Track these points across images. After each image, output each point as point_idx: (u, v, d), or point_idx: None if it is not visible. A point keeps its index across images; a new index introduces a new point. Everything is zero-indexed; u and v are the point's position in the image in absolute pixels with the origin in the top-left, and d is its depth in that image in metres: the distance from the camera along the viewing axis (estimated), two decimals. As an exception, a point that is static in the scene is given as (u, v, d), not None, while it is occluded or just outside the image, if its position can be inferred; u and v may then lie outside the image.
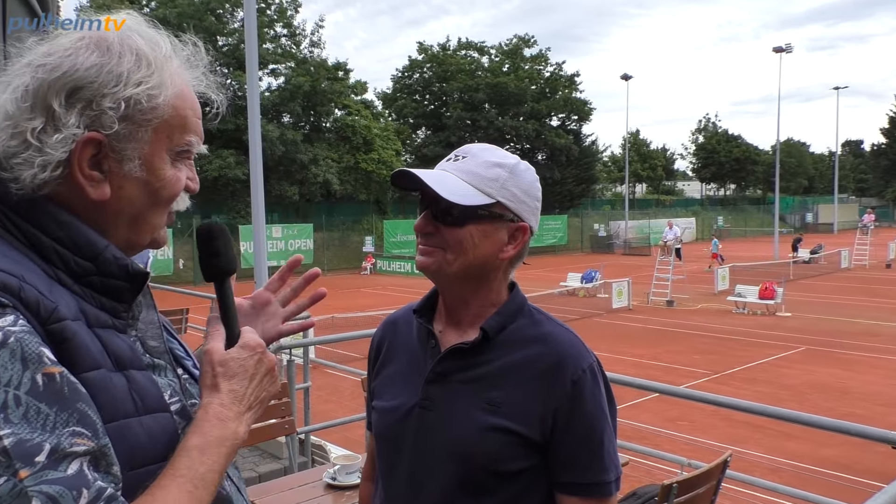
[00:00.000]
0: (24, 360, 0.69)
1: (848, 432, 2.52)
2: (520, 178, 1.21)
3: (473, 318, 1.24)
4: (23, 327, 0.70)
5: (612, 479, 1.17)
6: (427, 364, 1.23)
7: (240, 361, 0.91)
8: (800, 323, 15.84)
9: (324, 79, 32.51)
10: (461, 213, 1.16)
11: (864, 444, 7.46)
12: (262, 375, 0.92)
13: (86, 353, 0.77)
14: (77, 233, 0.83)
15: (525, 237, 1.22)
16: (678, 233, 27.44)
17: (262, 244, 8.33)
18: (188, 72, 0.92)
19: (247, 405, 0.89)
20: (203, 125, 0.94)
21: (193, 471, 0.79)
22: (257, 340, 0.94)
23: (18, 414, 0.66)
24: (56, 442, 0.68)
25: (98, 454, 0.71)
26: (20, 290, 0.73)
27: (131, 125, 0.84)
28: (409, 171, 1.17)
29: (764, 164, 60.49)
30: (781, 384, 10.62)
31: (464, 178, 1.17)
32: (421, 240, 1.22)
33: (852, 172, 70.51)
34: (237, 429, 0.87)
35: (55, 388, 0.70)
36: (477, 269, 1.20)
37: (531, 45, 44.99)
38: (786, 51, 34.81)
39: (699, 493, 2.35)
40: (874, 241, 30.75)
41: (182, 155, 0.90)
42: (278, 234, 28.08)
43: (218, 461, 0.83)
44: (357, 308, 18.11)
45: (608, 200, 53.33)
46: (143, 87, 0.84)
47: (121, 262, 0.85)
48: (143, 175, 0.86)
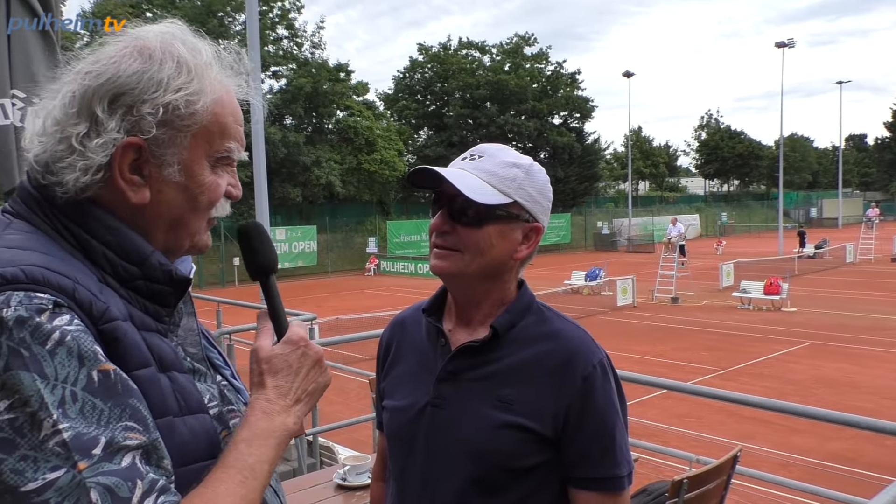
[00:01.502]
0: (80, 357, 0.72)
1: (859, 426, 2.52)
2: (535, 178, 1.22)
3: (484, 316, 1.24)
4: (77, 326, 0.74)
5: (624, 473, 1.18)
6: (437, 363, 1.24)
7: (283, 357, 0.93)
8: (805, 318, 15.81)
9: (325, 80, 32.57)
10: (480, 213, 1.16)
11: (870, 437, 7.45)
12: (309, 368, 0.94)
13: (136, 352, 0.80)
14: (125, 238, 0.85)
15: (538, 238, 1.23)
16: (682, 229, 27.41)
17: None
18: (230, 79, 0.93)
19: (294, 398, 0.91)
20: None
21: (242, 462, 0.82)
22: (300, 335, 0.95)
23: (76, 409, 0.70)
24: (111, 436, 0.71)
25: (149, 448, 0.74)
26: (74, 291, 0.76)
27: (171, 130, 0.86)
28: (430, 169, 1.17)
29: (767, 159, 60.35)
30: (788, 379, 10.60)
31: (482, 178, 1.17)
32: (437, 240, 1.21)
33: (856, 167, 70.26)
34: (285, 421, 0.89)
35: (109, 385, 0.73)
36: (492, 269, 1.21)
37: (532, 44, 44.99)
38: (788, 46, 34.74)
39: (709, 489, 2.35)
40: (879, 235, 30.65)
41: (222, 161, 0.92)
42: (282, 236, 28.13)
43: (266, 452, 0.85)
44: (361, 309, 18.13)
45: (611, 198, 53.25)
46: (182, 93, 0.86)
47: (165, 267, 0.87)
48: (183, 180, 0.88)
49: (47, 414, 0.69)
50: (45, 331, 0.71)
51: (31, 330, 0.71)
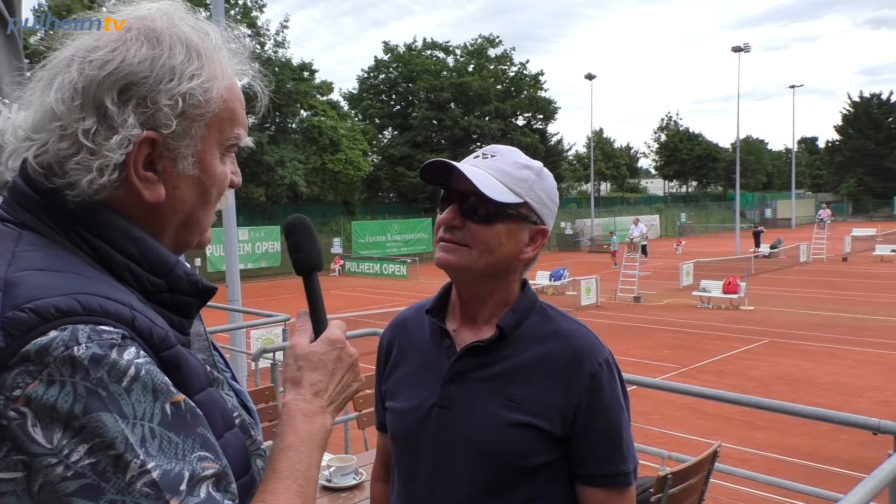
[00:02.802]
0: (154, 391, 0.69)
1: (832, 420, 2.65)
2: (545, 181, 1.24)
3: (489, 316, 1.25)
4: (146, 358, 0.70)
5: (630, 469, 1.21)
6: (443, 363, 1.24)
7: (319, 355, 0.92)
8: (762, 316, 16.27)
9: (289, 79, 32.24)
10: (492, 210, 1.17)
11: (826, 432, 7.73)
12: (344, 371, 0.92)
13: (195, 377, 0.77)
14: (149, 249, 0.79)
15: (544, 240, 1.26)
16: (644, 230, 27.93)
17: (233, 247, 8.27)
18: (236, 62, 0.88)
19: (328, 399, 0.90)
20: None
21: (295, 470, 0.81)
22: (337, 335, 0.94)
23: (155, 446, 0.67)
24: (192, 469, 0.69)
25: (221, 475, 0.72)
26: (133, 320, 0.71)
27: (186, 121, 0.80)
28: (447, 162, 1.18)
29: (724, 161, 61.80)
30: (748, 376, 10.91)
31: (495, 176, 1.18)
32: (445, 234, 1.21)
33: (808, 169, 72.47)
34: (324, 422, 0.88)
35: (181, 416, 0.71)
36: (499, 267, 1.22)
37: (496, 45, 45.25)
38: (744, 50, 35.61)
39: (692, 484, 2.45)
40: (831, 235, 31.70)
41: (229, 149, 0.87)
42: (245, 236, 27.75)
43: (313, 456, 0.84)
44: (328, 310, 17.93)
45: (574, 199, 53.91)
46: (197, 80, 0.80)
47: (191, 278, 0.82)
48: (197, 173, 0.82)
49: (133, 455, 0.66)
50: (122, 368, 0.67)
51: (107, 368, 0.66)
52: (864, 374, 10.86)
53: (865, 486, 2.03)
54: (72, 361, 0.65)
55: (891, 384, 10.24)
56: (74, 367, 0.65)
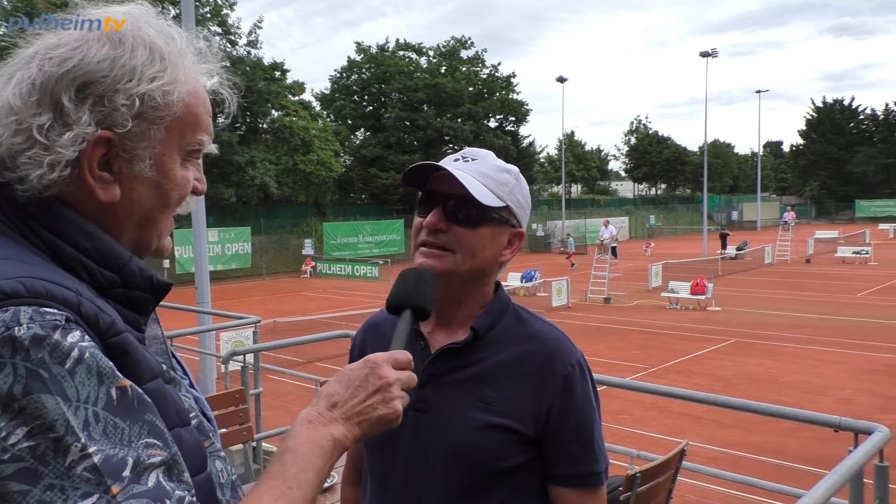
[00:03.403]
0: (99, 375, 0.68)
1: (796, 419, 2.73)
2: (522, 185, 1.26)
3: (465, 318, 1.25)
4: (90, 342, 0.69)
5: (602, 468, 1.22)
6: (417, 366, 1.19)
7: (348, 370, 0.92)
8: (729, 316, 16.57)
9: (260, 79, 31.92)
10: (478, 214, 1.18)
11: (790, 430, 7.91)
12: (369, 391, 0.89)
13: (145, 364, 0.76)
14: (102, 243, 0.79)
15: (521, 243, 1.27)
16: (614, 231, 28.23)
17: (202, 248, 8.17)
18: (201, 66, 0.87)
19: (343, 413, 0.87)
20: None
21: (285, 472, 0.80)
22: (375, 358, 0.92)
23: (99, 430, 0.66)
24: (136, 455, 0.67)
25: (171, 463, 0.71)
26: (79, 305, 0.71)
27: (144, 123, 0.79)
28: (434, 165, 1.18)
29: (692, 164, 62.81)
30: (714, 376, 11.11)
31: (480, 180, 1.18)
32: (429, 238, 1.20)
33: (773, 172, 73.99)
34: (330, 431, 0.85)
35: (127, 401, 0.69)
36: (480, 271, 1.23)
37: (468, 47, 45.37)
38: (711, 55, 36.28)
39: (660, 482, 2.49)
40: (795, 237, 32.45)
41: (191, 154, 0.86)
42: (214, 237, 27.38)
43: (310, 461, 0.82)
44: (298, 312, 17.89)
45: (545, 200, 54.30)
46: (158, 82, 0.79)
47: (145, 273, 0.81)
48: (154, 176, 0.81)
49: (74, 438, 0.64)
50: (64, 349, 0.66)
51: (49, 349, 0.65)
52: (826, 373, 11.13)
53: (827, 482, 2.10)
54: (12, 342, 0.64)
55: (851, 383, 10.51)
56: (15, 348, 0.64)
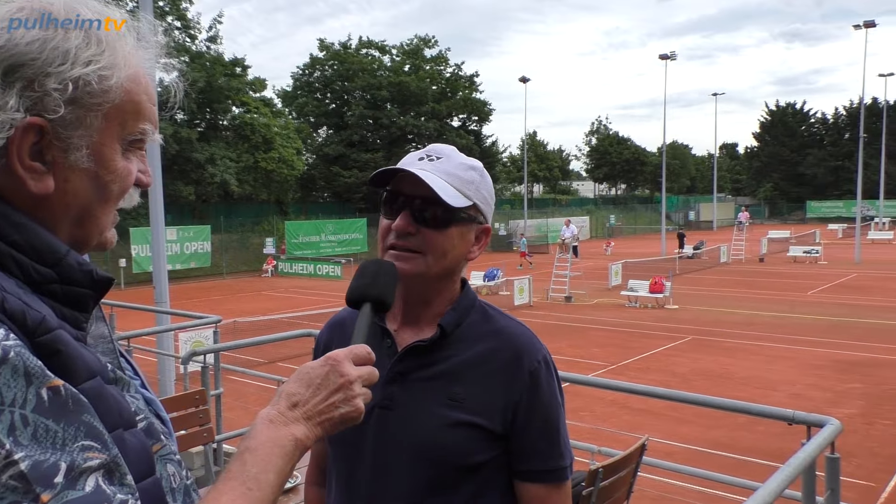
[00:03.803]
0: (27, 375, 0.63)
1: (752, 413, 2.81)
2: (487, 181, 1.25)
3: (433, 316, 1.25)
4: (16, 341, 0.64)
5: (567, 463, 1.23)
6: (384, 364, 1.20)
7: (308, 368, 0.90)
8: (686, 315, 16.93)
9: (220, 75, 31.39)
10: (446, 215, 1.17)
11: (745, 425, 8.12)
12: (331, 390, 0.88)
13: (81, 363, 0.71)
14: (35, 236, 0.74)
15: (488, 239, 1.27)
16: (575, 231, 28.59)
17: (160, 247, 8.01)
18: (143, 52, 0.82)
19: (304, 413, 0.86)
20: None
21: (245, 473, 0.78)
22: (336, 355, 0.91)
23: (27, 434, 0.61)
24: (70, 459, 0.63)
25: (111, 466, 0.67)
26: (3, 301, 0.67)
27: (79, 110, 0.74)
28: (400, 169, 1.17)
29: (651, 165, 63.97)
30: (672, 372, 11.34)
31: (446, 180, 1.17)
32: (398, 241, 1.19)
33: (729, 173, 75.82)
34: (291, 431, 0.84)
35: (60, 402, 0.65)
36: (450, 270, 1.23)
37: (432, 46, 45.40)
38: (670, 58, 37.02)
39: (621, 477, 2.54)
40: (749, 237, 33.35)
41: (134, 144, 0.81)
42: (173, 236, 26.83)
43: (271, 461, 0.80)
44: (259, 311, 17.67)
45: (508, 200, 54.65)
46: (94, 66, 0.74)
47: (84, 267, 0.76)
48: (92, 166, 0.76)
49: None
50: None
51: None
52: (778, 369, 11.46)
53: (782, 474, 2.16)
54: None
55: (802, 378, 10.85)
56: None
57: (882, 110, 51.18)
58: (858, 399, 9.68)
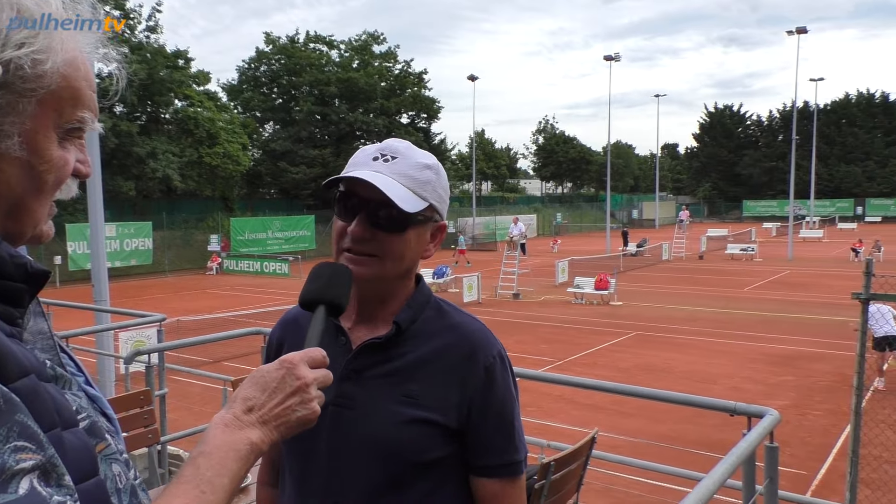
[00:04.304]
0: None
1: (697, 405, 2.91)
2: (442, 178, 1.24)
3: (388, 314, 1.24)
4: None
5: (522, 458, 1.24)
6: (338, 361, 1.19)
7: (264, 372, 0.89)
8: (630, 311, 17.37)
9: (162, 67, 30.48)
10: (403, 219, 1.16)
11: (689, 417, 8.40)
12: (287, 394, 0.87)
13: (13, 361, 0.67)
14: None
15: (443, 235, 1.27)
16: (523, 228, 28.94)
17: (100, 244, 7.76)
18: (82, 36, 0.77)
19: (260, 417, 0.85)
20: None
21: (199, 476, 0.77)
22: (291, 358, 0.90)
23: None
24: (1, 461, 0.60)
25: (47, 466, 0.64)
26: None
27: (10, 95, 0.70)
28: (355, 177, 1.14)
29: (596, 164, 65.28)
30: (616, 367, 11.62)
31: (402, 182, 1.16)
32: (353, 245, 1.17)
33: (670, 173, 77.97)
34: (247, 435, 0.82)
35: None
36: (407, 271, 1.23)
37: (380, 42, 45.11)
38: (615, 59, 37.82)
39: (572, 470, 2.60)
40: (689, 235, 34.44)
41: (72, 133, 0.78)
42: (112, 232, 25.94)
43: (226, 465, 0.79)
44: (204, 310, 17.27)
45: (456, 198, 54.87)
46: (27, 49, 0.70)
47: (17, 260, 0.73)
48: (25, 155, 0.72)
49: None
50: None
51: None
52: (717, 363, 11.88)
53: (724, 464, 2.25)
54: None
55: (740, 371, 11.28)
56: None
57: (813, 114, 53.54)
58: (790, 391, 10.14)
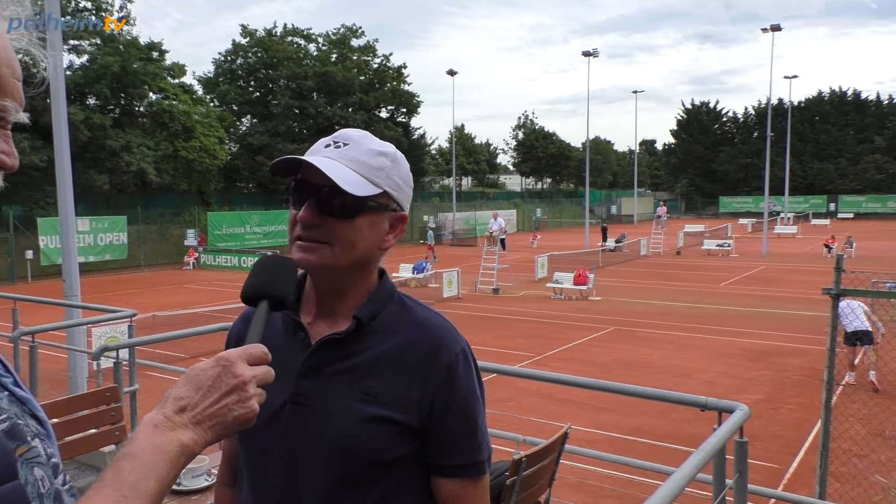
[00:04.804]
0: None
1: (669, 400, 2.93)
2: (400, 166, 1.20)
3: (348, 308, 1.21)
4: None
5: (485, 457, 1.21)
6: (297, 358, 1.18)
7: (198, 370, 0.85)
8: (608, 306, 17.48)
9: (136, 59, 29.98)
10: (352, 205, 1.13)
11: (662, 412, 8.47)
12: (223, 392, 0.84)
13: None
14: None
15: (403, 226, 1.23)
16: (503, 224, 29.00)
17: (71, 238, 7.61)
18: (2, 22, 0.75)
19: (192, 418, 0.81)
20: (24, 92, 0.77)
21: (121, 480, 0.73)
22: (228, 355, 0.86)
23: None
24: None
25: None
26: None
27: None
28: (298, 159, 1.12)
29: (575, 159, 65.60)
30: (594, 362, 11.69)
31: (352, 167, 1.13)
32: (303, 232, 1.15)
33: (648, 169, 78.61)
34: (179, 437, 0.79)
35: None
36: (361, 261, 1.19)
37: (359, 36, 44.89)
38: (593, 55, 37.98)
39: (544, 465, 2.59)
40: (667, 230, 34.75)
41: None
42: (85, 227, 25.53)
43: (153, 469, 0.75)
44: (180, 305, 17.07)
45: (436, 193, 54.81)
46: None
47: None
48: None
49: None
50: None
51: None
52: (692, 358, 12.01)
53: (695, 458, 2.26)
54: None
55: (714, 366, 11.41)
56: None
57: (787, 111, 54.24)
58: (764, 385, 10.27)
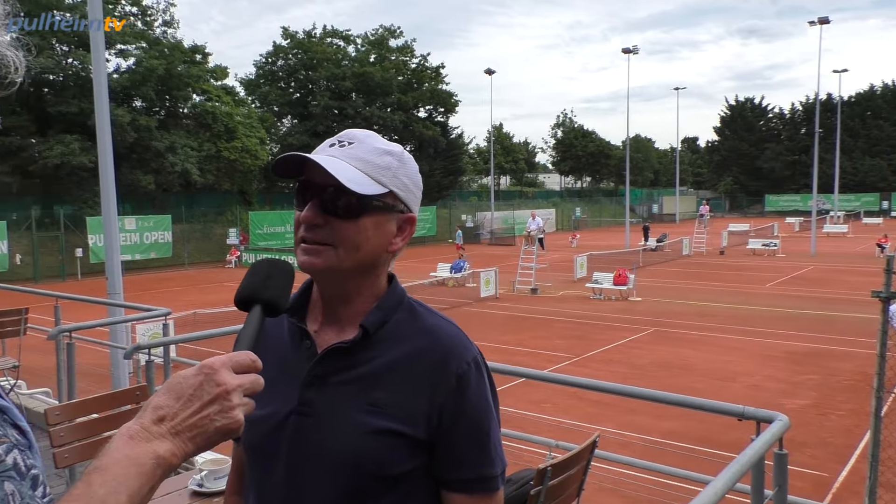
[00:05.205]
0: None
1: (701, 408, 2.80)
2: (407, 166, 1.16)
3: (355, 314, 1.16)
4: None
5: (498, 472, 1.15)
6: (302, 367, 1.14)
7: (179, 379, 0.81)
8: (648, 307, 17.15)
9: (179, 62, 30.68)
10: (357, 204, 1.08)
11: (699, 415, 8.23)
12: (205, 402, 0.80)
13: None
14: None
15: (412, 229, 1.18)
16: (541, 223, 28.75)
17: (114, 237, 7.77)
18: None
19: (171, 428, 0.78)
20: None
21: (90, 495, 0.70)
22: (212, 363, 0.83)
23: None
24: None
25: None
26: None
27: None
28: (301, 156, 1.08)
29: (615, 158, 64.70)
30: (633, 364, 11.46)
31: (356, 166, 1.09)
32: (307, 234, 1.10)
33: (690, 167, 76.98)
34: (155, 449, 0.75)
35: None
36: (367, 264, 1.14)
37: (397, 36, 45.08)
38: (633, 52, 37.39)
39: (571, 475, 2.50)
40: (710, 230, 33.99)
41: None
42: (132, 225, 26.26)
43: (125, 482, 0.71)
44: (221, 303, 17.35)
45: (474, 192, 54.70)
46: None
47: None
48: None
49: None
50: None
51: None
52: (736, 361, 11.67)
53: (731, 470, 2.16)
54: None
55: (760, 369, 11.06)
56: None
57: (836, 106, 52.48)
58: (812, 390, 9.91)
